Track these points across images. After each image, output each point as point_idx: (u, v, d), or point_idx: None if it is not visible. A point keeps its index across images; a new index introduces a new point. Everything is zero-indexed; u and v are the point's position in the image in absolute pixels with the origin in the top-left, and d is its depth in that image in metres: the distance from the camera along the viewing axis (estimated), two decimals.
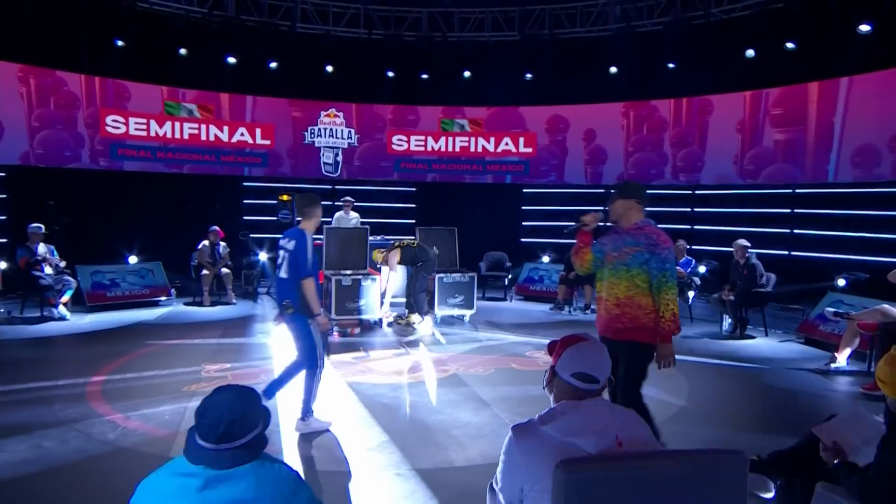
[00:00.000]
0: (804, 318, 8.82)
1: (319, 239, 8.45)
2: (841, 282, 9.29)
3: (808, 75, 11.21)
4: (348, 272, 9.03)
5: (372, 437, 4.83)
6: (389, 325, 9.12)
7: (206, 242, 10.75)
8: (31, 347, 7.69)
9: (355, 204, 11.60)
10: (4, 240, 10.91)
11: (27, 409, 5.36)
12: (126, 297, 10.39)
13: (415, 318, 8.93)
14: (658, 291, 3.77)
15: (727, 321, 9.00)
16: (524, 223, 14.76)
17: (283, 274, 4.94)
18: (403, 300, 9.25)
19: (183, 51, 12.62)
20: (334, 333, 8.42)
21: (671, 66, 12.43)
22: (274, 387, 5.03)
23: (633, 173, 13.38)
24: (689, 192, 13.23)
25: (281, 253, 4.98)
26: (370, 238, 9.77)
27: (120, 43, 12.00)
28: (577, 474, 1.81)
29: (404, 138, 14.39)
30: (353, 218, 11.27)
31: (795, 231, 11.68)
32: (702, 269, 10.25)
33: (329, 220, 11.00)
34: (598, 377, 2.18)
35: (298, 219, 5.07)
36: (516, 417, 5.12)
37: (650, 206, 4.21)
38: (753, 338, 8.72)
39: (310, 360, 4.89)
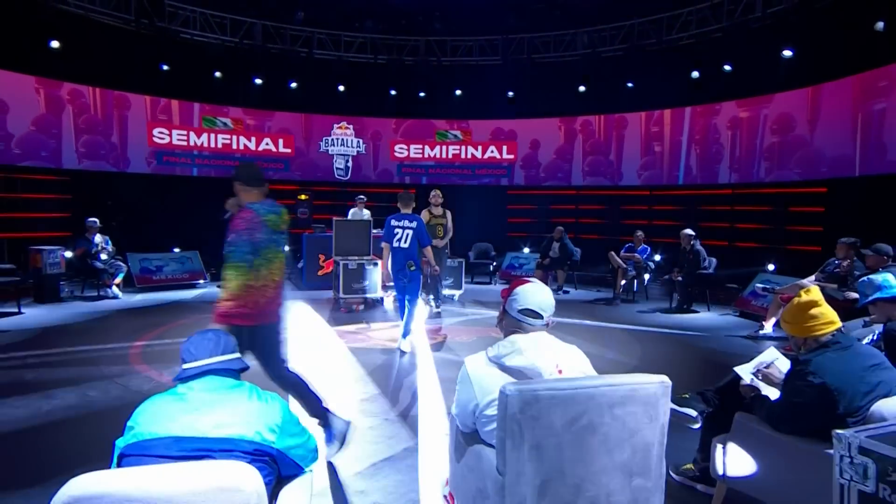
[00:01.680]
0: (739, 295, 8.82)
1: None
2: (770, 266, 9.29)
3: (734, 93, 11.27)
4: (354, 258, 9.02)
5: (366, 391, 4.83)
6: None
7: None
8: (87, 320, 7.69)
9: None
10: (69, 232, 10.91)
11: (78, 366, 5.37)
12: (168, 280, 10.40)
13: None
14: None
15: (676, 299, 9.00)
16: (509, 220, 14.74)
17: (405, 245, 5.98)
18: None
19: (218, 73, 12.60)
20: (341, 309, 8.42)
21: (630, 84, 12.38)
22: (407, 325, 6.03)
23: (588, 171, 13.41)
24: (648, 192, 13.22)
25: (399, 231, 6.02)
26: (374, 230, 9.78)
27: (165, 67, 11.98)
28: (517, 395, 1.81)
29: (405, 147, 14.36)
30: (366, 214, 11.28)
31: (736, 225, 11.68)
32: (657, 256, 10.24)
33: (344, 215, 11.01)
34: (542, 313, 2.17)
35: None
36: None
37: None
38: (697, 312, 8.71)
39: (416, 299, 6.08)
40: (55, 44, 10.43)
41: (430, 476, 3.25)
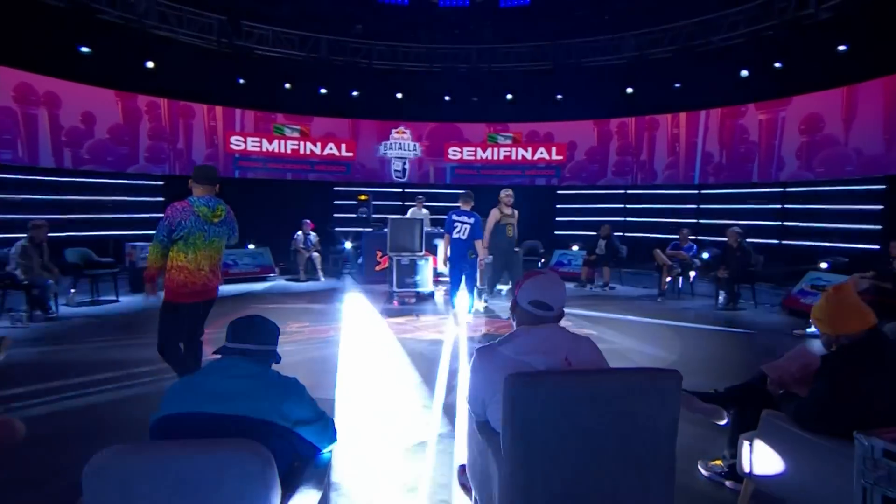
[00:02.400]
0: (788, 293, 8.25)
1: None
2: (823, 265, 8.64)
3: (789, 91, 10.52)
4: (407, 254, 9.07)
5: (408, 379, 4.83)
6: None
7: (300, 232, 11.05)
8: None
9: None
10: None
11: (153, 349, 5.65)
12: (242, 273, 10.79)
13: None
14: None
15: (722, 296, 8.53)
16: (558, 218, 14.46)
17: (463, 237, 6.67)
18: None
19: (288, 85, 12.98)
20: (394, 301, 8.49)
21: (678, 85, 11.84)
22: (452, 293, 6.76)
23: (636, 171, 12.88)
24: (696, 191, 12.63)
25: (459, 225, 6.73)
26: (428, 228, 9.85)
27: (241, 81, 12.46)
28: (520, 386, 1.74)
29: (458, 149, 14.33)
30: (424, 213, 11.36)
31: (786, 223, 10.96)
32: (705, 254, 9.75)
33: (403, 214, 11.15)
34: (552, 305, 2.06)
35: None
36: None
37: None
38: (744, 309, 8.24)
39: (473, 281, 6.86)
40: (150, 64, 11.05)
41: (461, 462, 3.19)
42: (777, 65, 10.22)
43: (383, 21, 12.75)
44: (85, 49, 9.95)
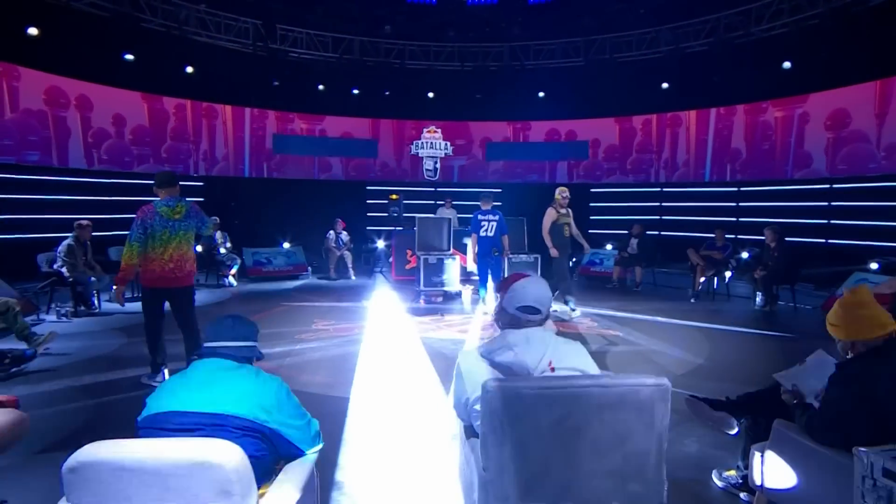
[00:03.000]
0: (830, 295, 7.84)
1: None
2: (874, 265, 8.17)
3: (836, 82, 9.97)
4: (435, 253, 9.06)
5: (425, 378, 4.82)
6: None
7: (332, 231, 11.20)
8: (204, 304, 8.26)
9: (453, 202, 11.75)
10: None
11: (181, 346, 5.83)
12: (276, 271, 11.03)
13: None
14: None
15: (760, 297, 8.18)
16: (591, 216, 14.18)
17: (490, 234, 7.18)
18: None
19: (321, 86, 13.17)
20: (420, 300, 8.50)
21: (715, 79, 11.43)
22: (482, 286, 7.25)
23: (673, 167, 12.51)
24: (735, 188, 12.15)
25: (486, 223, 7.22)
26: (456, 228, 9.85)
27: (276, 83, 12.73)
28: (497, 394, 1.70)
29: (490, 147, 14.26)
30: (451, 213, 11.36)
31: (832, 221, 10.41)
32: (744, 254, 9.38)
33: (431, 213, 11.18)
34: (541, 308, 2.02)
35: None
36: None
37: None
38: (782, 312, 7.88)
39: (499, 276, 7.07)
40: (189, 69, 11.42)
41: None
42: (823, 56, 9.71)
43: (413, 21, 12.77)
44: (129, 56, 10.34)
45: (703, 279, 8.89)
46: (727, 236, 9.42)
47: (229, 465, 1.52)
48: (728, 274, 9.02)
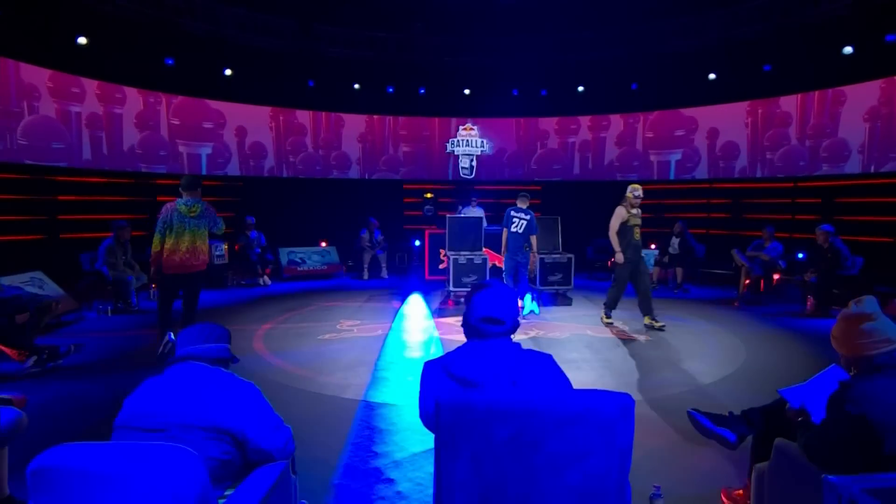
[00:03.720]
0: (891, 300, 7.34)
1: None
2: None
3: None
4: (465, 252, 9.06)
5: None
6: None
7: (365, 231, 11.38)
8: (237, 303, 8.60)
9: (482, 201, 11.74)
10: (231, 229, 12.34)
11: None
12: (310, 271, 11.31)
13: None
14: None
15: (811, 302, 7.77)
16: (643, 215, 13.79)
17: (520, 231, 7.51)
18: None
19: (357, 85, 13.37)
20: (448, 301, 8.52)
21: (767, 68, 10.88)
22: (522, 290, 7.49)
23: (722, 161, 12.00)
24: (792, 184, 11.54)
25: (517, 220, 7.53)
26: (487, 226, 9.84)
27: (312, 83, 13.01)
28: (449, 404, 1.69)
29: (525, 144, 14.10)
30: (478, 213, 11.33)
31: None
32: (800, 255, 8.92)
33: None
34: (504, 319, 1.97)
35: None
36: None
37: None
38: (835, 318, 7.44)
39: (525, 272, 7.62)
40: (228, 71, 11.83)
41: None
42: (889, 38, 9.08)
43: (448, 16, 12.76)
44: (170, 61, 10.81)
45: (747, 281, 8.52)
46: (776, 235, 8.95)
47: (183, 473, 1.57)
48: (776, 277, 8.60)
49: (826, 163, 10.68)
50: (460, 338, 6.10)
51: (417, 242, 12.12)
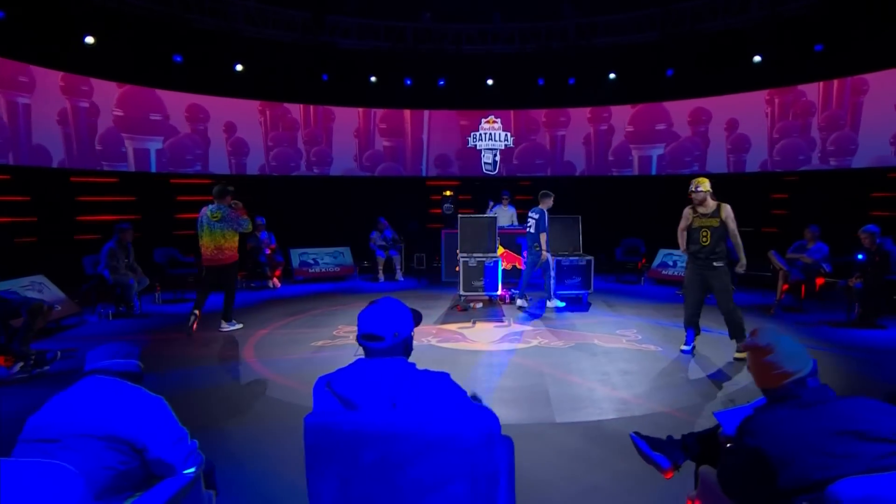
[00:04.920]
0: None
1: None
2: None
3: None
4: (479, 255, 9.10)
5: None
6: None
7: (375, 232, 11.58)
8: (242, 307, 8.71)
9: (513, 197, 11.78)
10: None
11: (206, 347, 6.39)
12: (322, 273, 11.59)
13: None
14: None
15: (856, 310, 7.48)
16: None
17: (532, 230, 8.26)
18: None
19: (373, 78, 13.60)
20: (457, 307, 8.60)
21: (818, 48, 10.47)
22: (521, 285, 8.57)
23: (778, 160, 11.61)
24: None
25: (530, 221, 8.29)
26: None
27: (326, 77, 13.31)
28: (315, 424, 1.80)
29: (552, 138, 14.02)
30: (510, 211, 11.35)
31: None
32: (860, 256, 8.54)
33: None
34: (383, 334, 2.04)
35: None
36: (542, 386, 4.90)
37: None
38: (883, 327, 7.15)
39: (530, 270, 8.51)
40: (239, 67, 12.26)
41: None
42: None
43: (465, 3, 12.82)
44: (179, 57, 11.30)
45: (786, 287, 8.26)
46: (818, 234, 8.60)
47: (61, 491, 1.73)
48: (820, 281, 8.29)
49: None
50: (459, 346, 6.21)
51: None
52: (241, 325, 7.29)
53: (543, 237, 8.13)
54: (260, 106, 13.20)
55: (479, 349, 6.31)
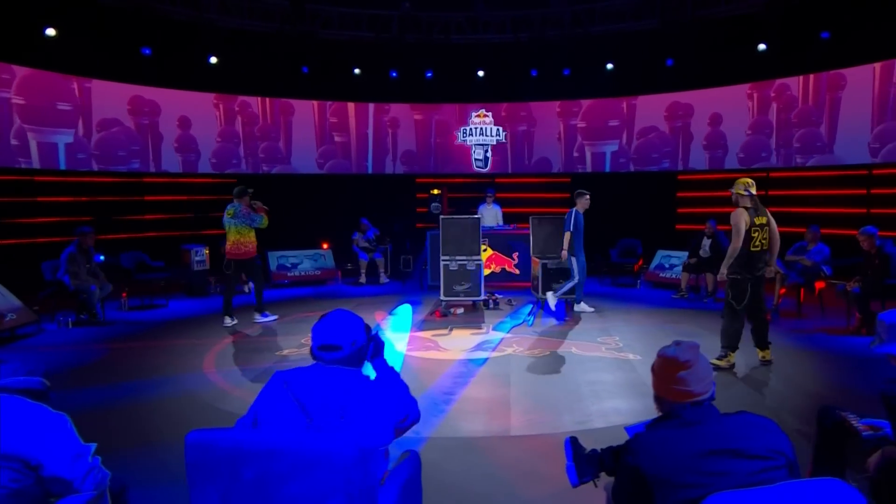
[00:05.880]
0: None
1: None
2: None
3: None
4: (462, 258, 9.21)
5: None
6: None
7: (357, 234, 11.73)
8: (212, 314, 8.90)
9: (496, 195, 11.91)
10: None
11: (166, 357, 6.53)
12: (301, 277, 11.70)
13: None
14: None
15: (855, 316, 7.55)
16: (680, 210, 13.65)
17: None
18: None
19: (357, 70, 13.73)
20: (436, 312, 8.72)
21: (825, 35, 10.54)
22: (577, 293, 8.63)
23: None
24: (866, 172, 11.12)
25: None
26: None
27: (306, 69, 13.45)
28: (196, 441, 1.92)
29: (545, 132, 14.14)
30: (494, 210, 11.47)
31: None
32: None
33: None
34: (340, 343, 2.22)
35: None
36: (505, 397, 5.02)
37: None
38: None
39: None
40: (213, 59, 12.41)
41: None
42: None
43: None
44: (147, 50, 11.46)
45: (783, 291, 8.34)
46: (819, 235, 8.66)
47: None
48: (819, 285, 8.36)
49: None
50: (430, 355, 6.30)
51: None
52: (275, 317, 8.36)
53: (567, 237, 8.33)
54: (215, 99, 13.32)
55: (450, 358, 6.42)
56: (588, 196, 8.70)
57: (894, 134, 10.46)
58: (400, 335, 7.47)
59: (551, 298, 8.37)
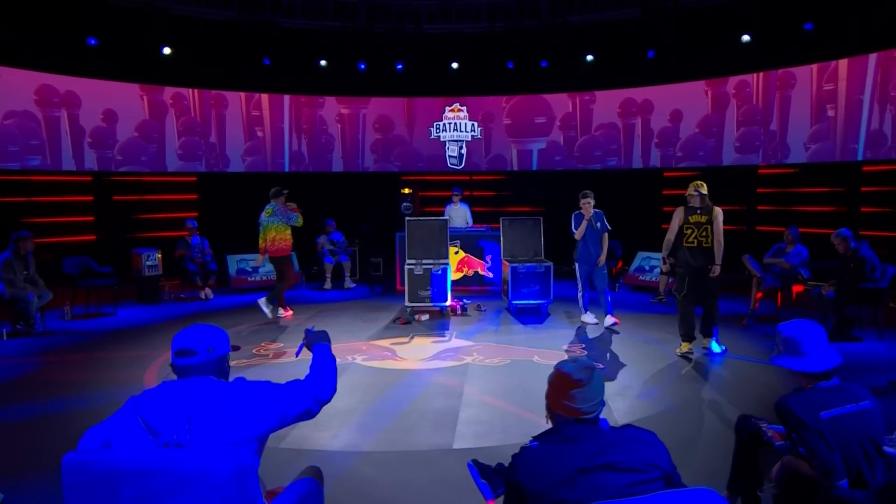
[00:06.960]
0: None
1: None
2: None
3: None
4: (428, 261, 9.32)
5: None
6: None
7: (322, 237, 11.83)
8: (163, 322, 8.89)
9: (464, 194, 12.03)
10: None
11: (108, 370, 6.56)
12: (263, 281, 11.73)
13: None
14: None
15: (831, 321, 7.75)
16: (665, 209, 13.84)
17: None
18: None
19: (323, 62, 13.82)
20: (399, 320, 8.84)
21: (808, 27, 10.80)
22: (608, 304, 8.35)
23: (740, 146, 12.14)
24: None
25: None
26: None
27: (267, 61, 13.52)
28: (72, 462, 2.01)
29: (520, 127, 14.33)
30: (462, 210, 11.60)
31: None
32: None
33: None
34: (196, 348, 2.30)
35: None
36: (454, 409, 5.15)
37: None
38: (860, 339, 7.43)
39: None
40: (167, 50, 12.45)
41: None
42: None
43: None
44: (94, 40, 11.49)
45: (760, 295, 8.54)
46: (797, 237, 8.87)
47: None
48: (797, 289, 8.58)
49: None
50: (385, 364, 6.40)
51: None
52: (280, 314, 8.94)
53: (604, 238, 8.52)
54: (201, 95, 13.41)
55: (405, 368, 6.54)
56: (589, 198, 8.44)
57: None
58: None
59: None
